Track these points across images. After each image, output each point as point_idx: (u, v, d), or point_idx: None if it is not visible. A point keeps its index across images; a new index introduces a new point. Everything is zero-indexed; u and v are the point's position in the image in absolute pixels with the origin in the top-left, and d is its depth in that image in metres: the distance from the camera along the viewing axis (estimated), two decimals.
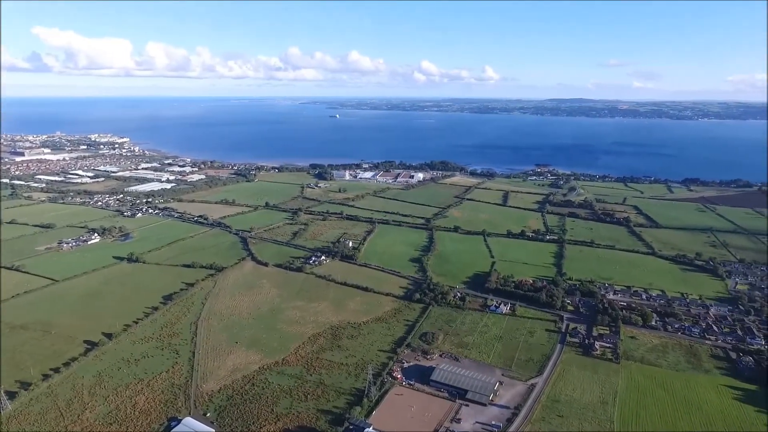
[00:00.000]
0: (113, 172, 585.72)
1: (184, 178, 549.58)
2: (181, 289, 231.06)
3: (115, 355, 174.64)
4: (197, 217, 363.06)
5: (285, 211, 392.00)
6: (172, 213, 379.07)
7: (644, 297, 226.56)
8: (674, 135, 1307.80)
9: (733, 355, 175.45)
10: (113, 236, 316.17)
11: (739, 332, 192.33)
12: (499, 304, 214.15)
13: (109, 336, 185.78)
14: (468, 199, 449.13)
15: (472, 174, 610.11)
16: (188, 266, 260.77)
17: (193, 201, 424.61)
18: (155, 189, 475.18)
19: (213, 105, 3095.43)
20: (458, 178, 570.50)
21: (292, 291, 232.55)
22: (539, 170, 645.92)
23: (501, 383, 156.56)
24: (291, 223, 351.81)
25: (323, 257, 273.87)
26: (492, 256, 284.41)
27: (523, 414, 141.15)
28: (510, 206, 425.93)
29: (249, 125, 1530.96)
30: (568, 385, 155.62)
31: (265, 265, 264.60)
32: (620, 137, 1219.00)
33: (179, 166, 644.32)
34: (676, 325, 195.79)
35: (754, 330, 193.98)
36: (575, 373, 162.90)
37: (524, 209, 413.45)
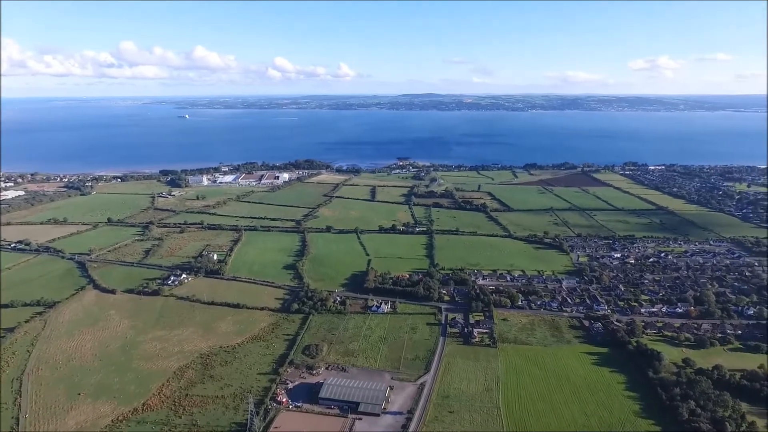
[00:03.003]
0: None
1: None
2: None
3: None
4: (15, 243, 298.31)
5: (133, 226, 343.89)
6: None
7: (509, 278, 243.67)
8: (512, 125, 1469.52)
9: (586, 323, 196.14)
10: None
11: (588, 301, 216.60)
12: (380, 303, 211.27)
13: None
14: (337, 197, 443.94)
15: (338, 171, 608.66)
16: (5, 306, 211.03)
17: (8, 224, 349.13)
18: None
19: (29, 107, 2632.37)
20: (325, 176, 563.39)
21: (149, 319, 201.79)
22: (401, 164, 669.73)
23: (392, 388, 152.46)
24: (142, 240, 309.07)
25: (184, 275, 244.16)
26: (367, 254, 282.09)
27: (416, 417, 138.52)
28: (378, 201, 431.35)
29: (81, 130, 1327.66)
30: (455, 377, 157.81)
31: (112, 292, 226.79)
32: (468, 129, 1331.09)
33: None
34: (539, 302, 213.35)
35: (598, 297, 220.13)
36: (459, 364, 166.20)
37: (392, 203, 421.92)
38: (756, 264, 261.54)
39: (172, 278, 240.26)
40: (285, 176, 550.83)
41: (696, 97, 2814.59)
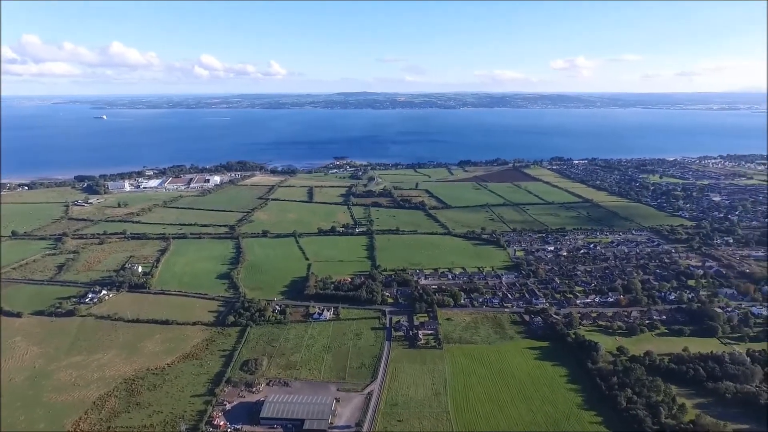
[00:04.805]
0: None
1: None
2: None
3: None
4: None
5: (43, 238, 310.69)
6: None
7: (450, 277, 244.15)
8: (445, 122, 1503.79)
9: (527, 318, 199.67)
10: None
11: (527, 295, 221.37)
12: (322, 310, 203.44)
13: None
14: (273, 200, 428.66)
15: (273, 172, 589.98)
16: None
17: None
18: None
19: None
20: (259, 178, 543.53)
21: (63, 344, 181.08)
22: (338, 163, 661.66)
23: (338, 400, 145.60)
24: (54, 254, 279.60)
25: (104, 291, 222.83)
26: (307, 258, 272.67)
27: (365, 429, 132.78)
28: (316, 202, 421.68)
29: None
30: (402, 384, 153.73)
31: (18, 315, 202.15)
32: (403, 127, 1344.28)
33: None
34: (480, 299, 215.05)
35: (536, 291, 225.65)
36: (406, 369, 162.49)
37: (330, 204, 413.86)
38: (673, 251, 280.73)
39: (90, 295, 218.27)
40: (216, 179, 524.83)
41: (610, 95, 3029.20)
